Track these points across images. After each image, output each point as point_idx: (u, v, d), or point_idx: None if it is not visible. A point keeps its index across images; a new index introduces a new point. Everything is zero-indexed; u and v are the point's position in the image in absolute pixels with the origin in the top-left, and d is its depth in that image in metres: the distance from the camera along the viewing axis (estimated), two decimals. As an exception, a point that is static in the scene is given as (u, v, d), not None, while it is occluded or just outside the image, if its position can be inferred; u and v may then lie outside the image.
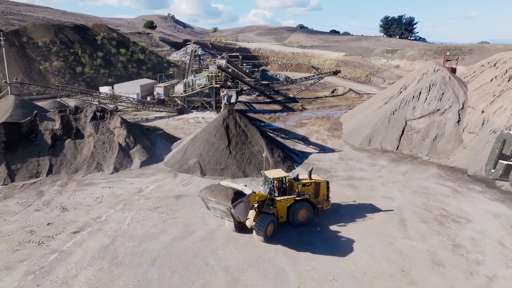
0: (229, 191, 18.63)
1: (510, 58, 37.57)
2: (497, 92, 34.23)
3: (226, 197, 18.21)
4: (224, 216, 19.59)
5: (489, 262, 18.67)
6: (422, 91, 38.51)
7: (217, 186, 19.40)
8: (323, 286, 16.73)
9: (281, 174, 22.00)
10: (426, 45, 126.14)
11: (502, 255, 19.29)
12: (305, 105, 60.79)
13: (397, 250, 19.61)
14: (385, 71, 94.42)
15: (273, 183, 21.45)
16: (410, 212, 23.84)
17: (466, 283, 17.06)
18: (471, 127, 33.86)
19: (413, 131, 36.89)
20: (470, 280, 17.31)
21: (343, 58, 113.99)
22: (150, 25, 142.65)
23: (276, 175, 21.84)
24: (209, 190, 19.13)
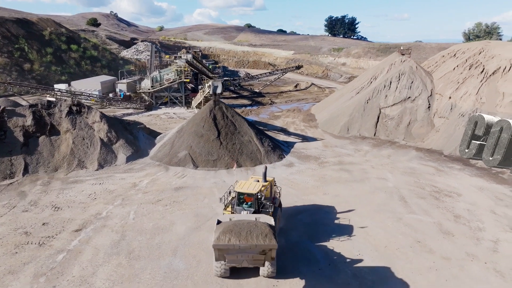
0: (260, 227, 14.39)
1: (467, 49, 41.07)
2: (461, 79, 37.25)
3: (265, 237, 13.98)
4: (251, 263, 15.01)
5: (489, 228, 20.33)
6: (392, 80, 40.73)
7: (234, 226, 14.54)
8: (353, 260, 17.12)
9: (256, 186, 17.96)
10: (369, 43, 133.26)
11: (497, 221, 21.09)
12: (273, 99, 61.42)
13: (407, 224, 20.62)
14: (333, 68, 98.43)
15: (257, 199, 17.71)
16: (406, 190, 25.16)
17: (477, 248, 18.42)
18: (441, 112, 36.51)
19: (388, 118, 38.92)
20: (479, 245, 18.72)
21: (293, 56, 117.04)
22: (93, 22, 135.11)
23: (252, 188, 17.83)
24: (229, 233, 14.20)
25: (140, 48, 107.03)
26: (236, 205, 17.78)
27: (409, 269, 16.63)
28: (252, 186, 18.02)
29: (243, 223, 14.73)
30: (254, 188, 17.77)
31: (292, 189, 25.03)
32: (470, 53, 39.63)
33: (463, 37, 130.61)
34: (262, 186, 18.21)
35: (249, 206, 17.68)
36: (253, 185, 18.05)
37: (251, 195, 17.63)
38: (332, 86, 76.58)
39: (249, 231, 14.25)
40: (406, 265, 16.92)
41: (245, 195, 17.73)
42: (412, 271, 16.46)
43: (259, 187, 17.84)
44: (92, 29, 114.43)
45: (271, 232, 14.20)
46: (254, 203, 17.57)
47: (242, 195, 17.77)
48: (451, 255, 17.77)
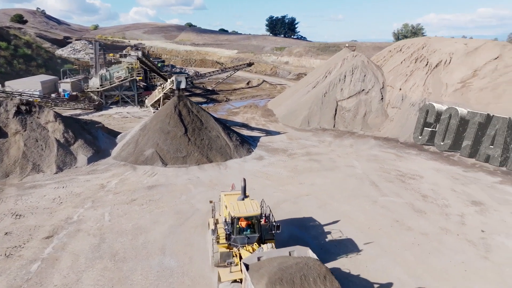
0: (314, 267, 11.09)
1: (411, 44, 44.30)
2: (408, 72, 40.08)
3: (324, 279, 10.70)
4: None
5: (453, 204, 22.14)
6: (346, 74, 42.60)
7: (280, 272, 10.82)
8: (341, 242, 17.65)
9: (254, 204, 14.73)
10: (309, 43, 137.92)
11: (458, 198, 23.04)
12: (228, 96, 61.14)
13: (382, 206, 21.73)
14: (276, 67, 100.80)
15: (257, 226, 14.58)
16: (374, 175, 26.50)
17: (447, 222, 19.97)
18: (393, 102, 38.96)
19: (345, 110, 40.65)
20: (448, 219, 20.31)
21: (237, 55, 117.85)
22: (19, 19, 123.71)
23: (252, 207, 14.51)
24: (279, 283, 10.43)
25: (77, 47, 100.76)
26: (237, 234, 14.18)
27: (394, 246, 17.55)
28: (248, 205, 14.55)
29: (289, 265, 11.04)
30: (254, 208, 14.40)
31: (268, 181, 25.14)
32: (414, 48, 42.78)
33: (393, 36, 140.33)
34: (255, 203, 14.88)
35: (252, 232, 14.36)
36: (249, 204, 14.61)
37: (252, 218, 14.31)
38: (283, 83, 78.14)
39: (303, 276, 10.62)
40: (391, 242, 17.83)
41: (243, 218, 14.21)
42: (398, 248, 17.39)
43: (257, 205, 14.66)
44: (19, 27, 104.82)
45: (329, 272, 11.04)
46: (257, 226, 14.42)
47: (238, 219, 14.14)
48: (428, 230, 19.06)
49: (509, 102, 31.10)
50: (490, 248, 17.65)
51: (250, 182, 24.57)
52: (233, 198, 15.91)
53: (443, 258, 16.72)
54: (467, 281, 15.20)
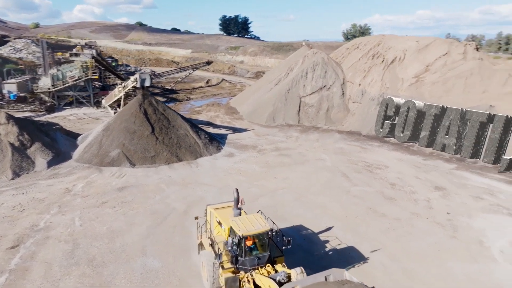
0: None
1: (368, 42, 46.25)
2: (366, 68, 41.82)
3: None
4: None
5: (419, 190, 23.46)
6: (308, 71, 43.55)
7: None
8: (323, 232, 18.04)
9: (260, 219, 12.85)
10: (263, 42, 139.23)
11: (423, 184, 24.45)
12: (188, 95, 60.09)
13: (355, 195, 22.50)
14: (231, 66, 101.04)
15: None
16: (343, 167, 27.36)
17: (416, 207, 21.12)
18: (353, 97, 40.46)
19: (308, 106, 41.56)
20: (417, 204, 21.49)
21: (191, 55, 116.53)
22: None
23: (259, 223, 12.58)
24: None
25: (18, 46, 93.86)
26: (246, 255, 12.33)
27: (372, 232, 18.25)
28: (254, 221, 12.59)
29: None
30: (262, 223, 12.51)
31: (242, 177, 25.07)
32: (370, 45, 44.70)
33: (343, 36, 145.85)
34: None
35: (261, 250, 12.64)
36: (254, 220, 12.65)
37: (262, 235, 12.50)
38: (242, 81, 78.19)
39: None
40: (368, 229, 18.53)
41: (249, 237, 12.32)
42: (376, 233, 18.11)
43: (264, 220, 12.78)
44: None
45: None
46: (266, 243, 12.72)
47: (245, 238, 12.14)
48: (400, 216, 20.04)
49: (459, 95, 33.52)
50: (457, 228, 18.92)
51: (223, 179, 24.54)
52: (226, 212, 14.15)
53: (417, 240, 17.66)
54: (441, 260, 16.18)
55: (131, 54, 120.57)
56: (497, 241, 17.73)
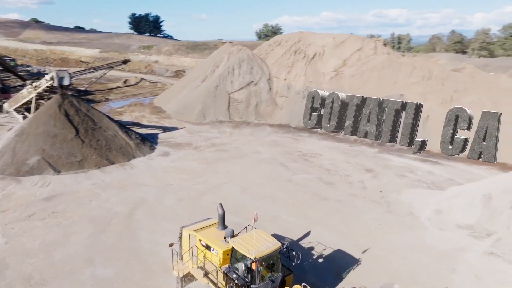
0: None
1: (289, 38, 48.20)
2: (290, 63, 43.62)
3: None
4: None
5: (352, 174, 25.30)
6: (234, 67, 43.86)
7: None
8: (274, 220, 18.42)
9: (266, 236, 11.45)
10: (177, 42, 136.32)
11: (354, 168, 26.42)
12: (106, 96, 56.09)
13: (297, 183, 23.40)
14: (146, 66, 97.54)
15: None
16: (281, 158, 28.21)
17: (352, 189, 22.75)
18: (280, 92, 41.89)
19: (237, 102, 41.88)
20: (352, 187, 23.16)
21: (100, 55, 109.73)
22: None
23: (267, 241, 11.19)
24: None
25: None
26: (259, 282, 10.73)
27: (321, 215, 19.17)
28: (259, 239, 11.12)
29: None
30: (270, 240, 11.22)
31: (183, 175, 24.30)
32: (292, 42, 46.68)
33: (256, 36, 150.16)
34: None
35: (273, 271, 11.25)
36: (259, 237, 11.18)
37: (276, 252, 11.08)
38: (162, 80, 75.48)
39: None
40: (317, 213, 19.43)
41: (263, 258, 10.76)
42: (324, 216, 19.07)
43: (269, 236, 11.48)
44: None
45: None
46: (278, 263, 11.32)
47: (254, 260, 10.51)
48: (340, 198, 21.39)
49: (374, 86, 36.88)
50: (390, 204, 20.87)
51: (163, 178, 23.54)
52: (211, 233, 12.54)
53: (360, 218, 19.06)
54: (384, 233, 17.70)
55: (28, 54, 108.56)
56: (423, 211, 19.98)
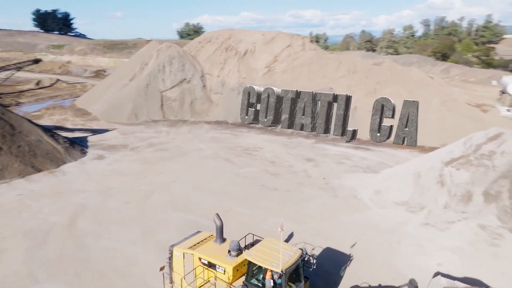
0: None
1: (219, 35, 47.99)
2: (222, 60, 43.52)
3: None
4: None
5: (295, 164, 26.20)
6: (165, 64, 42.40)
7: None
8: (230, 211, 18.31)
9: (290, 249, 10.65)
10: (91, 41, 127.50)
11: (296, 159, 27.38)
12: (16, 99, 50.23)
13: (245, 176, 23.54)
14: (64, 66, 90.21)
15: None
16: (224, 153, 28.07)
17: (298, 178, 23.59)
18: (215, 89, 41.59)
19: (170, 100, 40.59)
20: (297, 176, 23.99)
21: (0, 55, 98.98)
22: None
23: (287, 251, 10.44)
24: None
25: None
26: None
27: (273, 205, 19.54)
28: (272, 247, 10.50)
29: None
30: (289, 249, 10.62)
31: (124, 177, 22.90)
32: (222, 39, 46.59)
33: (178, 35, 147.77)
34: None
35: (296, 281, 10.55)
36: (274, 247, 10.44)
37: (298, 260, 10.41)
38: (81, 81, 69.88)
39: None
40: (269, 203, 19.75)
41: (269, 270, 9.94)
42: (276, 205, 19.48)
43: (283, 242, 10.80)
44: None
45: None
46: (301, 272, 10.66)
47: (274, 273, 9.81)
48: (289, 187, 22.03)
49: (305, 81, 38.57)
50: (334, 189, 22.07)
51: (102, 182, 22.04)
52: (210, 248, 11.36)
53: (310, 204, 19.85)
54: (334, 216, 18.68)
55: None
56: (365, 193, 21.49)
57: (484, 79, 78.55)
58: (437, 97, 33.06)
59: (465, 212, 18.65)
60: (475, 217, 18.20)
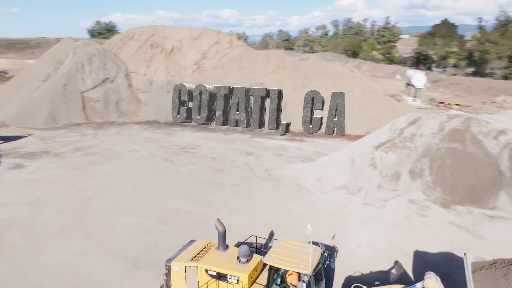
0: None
1: (142, 32, 45.77)
2: (148, 58, 41.71)
3: None
4: None
5: (237, 159, 26.34)
6: (84, 63, 39.20)
7: None
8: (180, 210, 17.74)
9: (308, 247, 9.93)
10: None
11: (236, 153, 27.57)
12: None
13: (188, 174, 22.96)
14: None
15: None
16: (161, 153, 27.04)
17: (241, 171, 23.73)
18: (142, 87, 39.69)
19: (93, 101, 37.70)
20: (241, 169, 24.15)
21: None
22: None
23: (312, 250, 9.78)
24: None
25: None
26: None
27: (222, 200, 19.35)
28: (290, 248, 10.05)
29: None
30: (304, 246, 10.16)
31: (54, 185, 20.71)
32: (146, 36, 44.60)
33: (89, 33, 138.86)
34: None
35: (320, 281, 10.18)
36: (289, 246, 10.14)
37: (321, 258, 10.05)
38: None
39: None
40: (217, 198, 19.52)
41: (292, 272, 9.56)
42: (225, 200, 19.34)
43: (298, 240, 10.60)
44: None
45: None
46: (322, 270, 10.24)
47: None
48: (234, 181, 22.03)
49: (236, 77, 38.91)
50: (278, 179, 22.66)
51: (27, 193, 20.02)
52: (216, 257, 10.44)
53: (258, 196, 20.12)
54: (280, 203, 19.16)
55: None
56: (307, 181, 22.46)
57: (389, 74, 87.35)
58: (359, 89, 35.93)
59: (396, 190, 20.59)
60: (405, 194, 20.19)
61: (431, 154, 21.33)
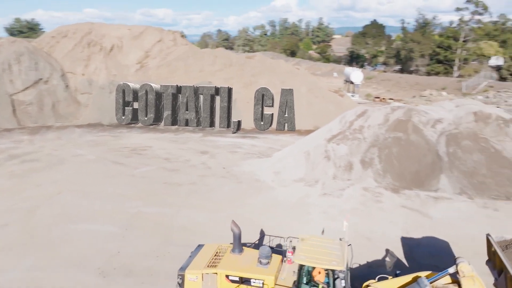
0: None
1: (77, 29, 42.64)
2: (85, 57, 39.07)
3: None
4: None
5: (191, 158, 25.75)
6: (11, 63, 35.61)
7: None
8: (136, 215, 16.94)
9: (331, 241, 10.06)
10: None
11: (190, 153, 26.93)
12: None
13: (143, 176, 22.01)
14: None
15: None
16: (109, 156, 25.54)
17: (198, 171, 23.29)
18: (80, 88, 37.08)
19: (25, 104, 34.44)
20: (198, 168, 23.69)
21: None
22: None
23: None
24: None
25: None
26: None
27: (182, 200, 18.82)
28: (316, 245, 9.60)
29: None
30: (329, 241, 9.96)
31: (-10, 197, 18.57)
32: (81, 33, 41.67)
33: (7, 32, 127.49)
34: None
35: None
36: (312, 242, 9.69)
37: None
38: None
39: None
40: (176, 198, 18.93)
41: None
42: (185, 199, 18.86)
43: (321, 236, 10.52)
44: None
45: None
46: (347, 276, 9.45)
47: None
48: (192, 180, 21.55)
49: (182, 75, 37.99)
50: (237, 176, 22.56)
51: None
52: (234, 262, 9.87)
53: (218, 193, 19.88)
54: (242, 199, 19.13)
55: None
56: (265, 176, 22.69)
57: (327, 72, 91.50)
58: (305, 85, 37.10)
59: (350, 179, 21.64)
60: (358, 182, 21.29)
61: (379, 144, 22.72)
